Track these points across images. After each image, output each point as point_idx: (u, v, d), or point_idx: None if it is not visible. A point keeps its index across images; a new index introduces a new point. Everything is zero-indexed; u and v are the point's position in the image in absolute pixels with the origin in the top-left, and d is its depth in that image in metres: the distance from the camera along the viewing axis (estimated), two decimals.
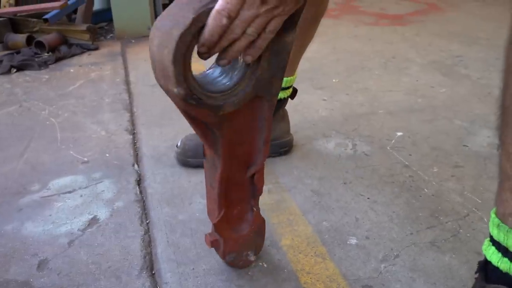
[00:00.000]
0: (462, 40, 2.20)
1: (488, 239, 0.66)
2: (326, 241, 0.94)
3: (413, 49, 2.10)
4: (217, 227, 0.80)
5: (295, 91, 1.20)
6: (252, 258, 0.87)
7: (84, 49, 2.26)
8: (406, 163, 1.20)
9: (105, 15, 2.75)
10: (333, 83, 1.73)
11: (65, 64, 2.10)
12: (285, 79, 1.12)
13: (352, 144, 1.29)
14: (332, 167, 1.19)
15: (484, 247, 0.67)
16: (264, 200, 1.06)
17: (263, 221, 0.86)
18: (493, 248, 0.64)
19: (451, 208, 1.02)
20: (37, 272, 0.89)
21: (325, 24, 1.13)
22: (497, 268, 0.63)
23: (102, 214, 1.05)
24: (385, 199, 1.06)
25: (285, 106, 1.20)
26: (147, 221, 1.02)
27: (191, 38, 0.57)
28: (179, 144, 1.21)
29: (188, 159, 1.19)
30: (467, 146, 1.27)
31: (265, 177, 1.12)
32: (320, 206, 1.04)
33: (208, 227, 0.98)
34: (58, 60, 2.13)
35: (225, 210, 0.80)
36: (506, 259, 0.62)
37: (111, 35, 2.54)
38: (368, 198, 1.06)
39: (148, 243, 0.96)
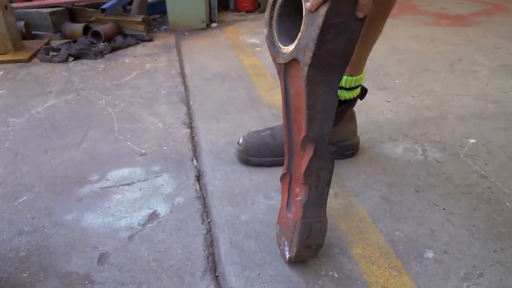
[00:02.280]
0: None
1: None
2: (401, 252, 0.87)
3: (480, 52, 1.98)
4: (282, 183, 0.86)
5: (364, 91, 1.13)
6: (287, 253, 0.83)
7: (139, 40, 2.27)
8: (483, 172, 1.11)
9: (158, 7, 2.75)
10: (396, 84, 1.64)
11: (120, 54, 2.10)
12: (352, 78, 1.06)
13: (422, 149, 1.21)
14: (401, 173, 1.11)
15: None
16: (331, 204, 1.01)
17: (300, 219, 0.79)
18: None
19: None
20: (97, 266, 0.86)
21: None
22: None
23: (162, 209, 1.02)
24: (463, 211, 0.98)
25: (353, 106, 1.13)
26: (209, 220, 0.99)
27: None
28: (240, 141, 1.17)
29: (250, 158, 1.14)
30: None
31: (331, 179, 1.07)
32: (392, 214, 0.98)
33: (273, 230, 0.93)
34: (113, 50, 2.14)
35: (291, 177, 0.83)
36: None
37: (164, 27, 2.54)
38: (443, 209, 0.99)
39: (211, 243, 0.92)
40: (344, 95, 1.08)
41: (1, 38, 2.06)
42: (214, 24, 2.52)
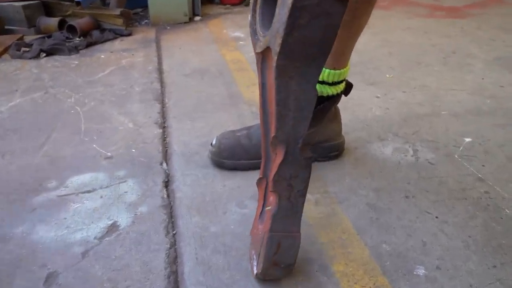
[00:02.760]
0: None
1: None
2: (388, 269, 0.77)
3: (474, 44, 1.88)
4: (258, 188, 0.75)
5: (349, 86, 1.03)
6: (254, 269, 0.72)
7: (117, 34, 2.15)
8: (479, 175, 1.01)
9: (141, 0, 2.63)
10: (387, 78, 1.54)
11: (96, 49, 1.99)
12: (335, 71, 0.95)
13: (413, 149, 1.11)
14: (390, 177, 1.01)
15: None
16: (311, 213, 0.90)
17: (267, 232, 0.69)
18: None
19: None
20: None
21: (374, 15, 0.95)
22: None
23: (123, 220, 0.91)
24: (458, 219, 0.88)
25: (337, 103, 1.03)
26: (174, 232, 0.88)
27: None
28: (214, 142, 1.06)
29: (224, 160, 1.04)
30: None
31: (312, 184, 0.96)
32: (379, 224, 0.87)
33: (245, 243, 0.83)
34: (89, 45, 2.02)
35: (267, 183, 0.72)
36: None
37: (146, 21, 2.42)
38: (436, 217, 0.88)
39: (174, 259, 0.81)
40: (327, 90, 0.97)
41: None
42: (197, 18, 2.40)
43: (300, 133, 0.64)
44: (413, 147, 1.12)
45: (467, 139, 1.15)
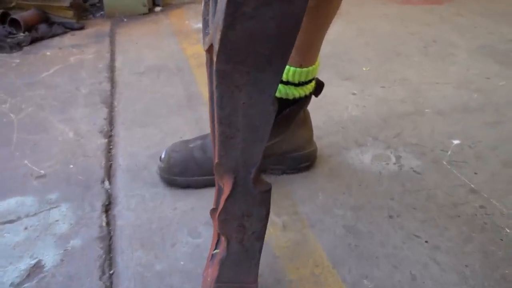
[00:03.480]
0: None
1: None
2: None
3: (455, 32, 1.75)
4: (212, 219, 0.60)
5: (320, 86, 0.87)
6: None
7: (67, 28, 1.94)
8: (472, 185, 0.87)
9: None
10: (363, 72, 1.39)
11: (43, 45, 1.78)
12: (302, 69, 0.79)
13: (395, 156, 0.97)
14: (371, 191, 0.87)
15: None
16: (278, 241, 0.75)
17: (213, 282, 0.54)
18: None
19: None
20: None
21: (347, 1, 0.80)
22: None
23: (50, 258, 0.74)
24: (451, 244, 0.74)
25: (306, 106, 0.87)
26: (111, 272, 0.72)
27: None
28: (163, 156, 0.90)
29: (174, 177, 0.87)
30: None
31: (279, 203, 0.81)
32: (358, 253, 0.73)
33: (195, 285, 0.67)
34: (34, 41, 1.81)
35: None
36: None
37: (101, 12, 2.22)
38: (426, 242, 0.74)
39: None
40: (293, 92, 0.81)
41: None
42: (157, 8, 2.21)
43: (254, 160, 0.48)
44: (395, 153, 0.98)
45: (456, 141, 1.02)
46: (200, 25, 1.94)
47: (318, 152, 0.95)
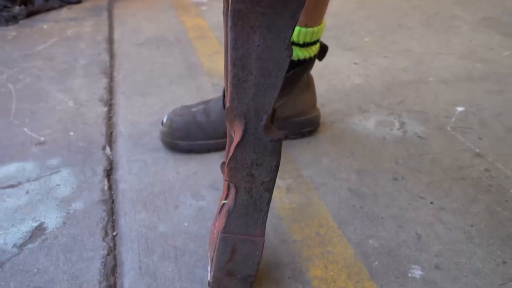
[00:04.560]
0: None
1: None
2: (376, 271, 0.62)
3: (458, 5, 1.73)
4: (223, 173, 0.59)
5: (324, 49, 0.86)
6: (209, 276, 0.58)
7: (64, 2, 1.91)
8: (477, 150, 0.87)
9: None
10: (365, 43, 1.38)
11: (39, 19, 1.75)
12: (307, 29, 0.77)
13: (399, 122, 0.96)
14: (375, 155, 0.86)
15: None
16: (282, 203, 0.75)
17: (220, 232, 0.53)
18: None
19: None
20: None
21: None
22: None
23: (52, 220, 0.74)
24: (457, 205, 0.74)
25: (310, 69, 0.86)
26: (114, 233, 0.71)
27: None
28: (164, 120, 0.88)
29: (177, 142, 0.86)
30: None
31: (283, 167, 0.81)
32: (363, 214, 0.72)
33: (201, 245, 0.67)
34: (31, 14, 1.78)
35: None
36: None
37: None
38: (431, 203, 0.74)
39: (112, 269, 0.65)
40: (297, 53, 0.80)
41: None
42: None
43: (265, 107, 0.47)
44: (399, 119, 0.97)
45: (460, 109, 1.01)
46: None
47: (321, 119, 0.94)
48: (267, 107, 0.47)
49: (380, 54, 1.29)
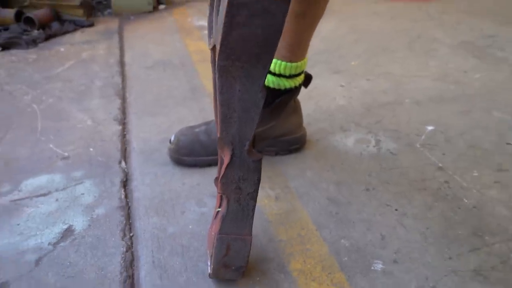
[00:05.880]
0: (495, 18, 1.97)
1: None
2: (346, 265, 0.76)
3: (440, 28, 1.88)
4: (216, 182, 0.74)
5: (308, 78, 1.01)
6: (208, 269, 0.72)
7: (78, 26, 2.08)
8: (440, 164, 1.01)
9: None
10: (352, 66, 1.53)
11: (56, 42, 1.92)
12: (291, 64, 0.93)
13: (375, 140, 1.11)
14: (352, 169, 1.00)
15: None
16: (271, 209, 0.89)
17: (217, 234, 0.67)
18: None
19: (497, 224, 0.84)
20: None
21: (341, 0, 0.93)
22: None
23: (79, 223, 0.89)
24: (417, 211, 0.88)
25: (296, 96, 1.01)
26: (131, 234, 0.86)
27: None
28: (172, 139, 1.03)
29: (182, 157, 1.01)
30: (510, 144, 1.08)
31: (273, 179, 0.95)
32: (338, 218, 0.87)
33: (203, 243, 0.81)
34: (48, 38, 1.95)
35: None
36: None
37: (109, 10, 2.35)
38: (396, 210, 0.88)
39: (130, 263, 0.79)
40: (284, 84, 0.95)
41: None
42: (161, 6, 2.34)
43: (247, 135, 0.62)
44: (375, 137, 1.12)
45: (429, 128, 1.15)
46: (201, 22, 2.08)
47: (307, 137, 1.09)
48: (249, 135, 0.62)
49: (364, 77, 1.44)
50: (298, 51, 0.93)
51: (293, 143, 1.05)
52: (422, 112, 1.23)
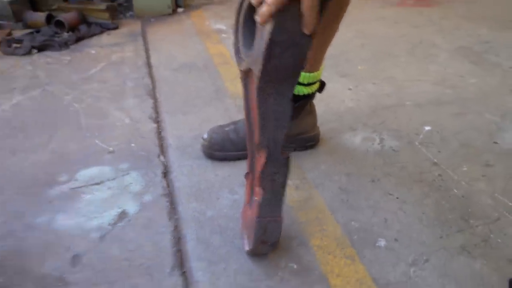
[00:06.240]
0: (492, 24, 2.13)
1: None
2: (355, 242, 0.94)
3: (440, 34, 2.04)
4: (246, 181, 0.91)
5: (322, 85, 1.18)
6: (246, 247, 0.89)
7: (104, 28, 2.24)
8: (435, 160, 1.18)
9: None
10: (358, 70, 1.69)
11: (85, 44, 2.09)
12: (310, 74, 1.10)
13: (379, 138, 1.28)
14: (359, 163, 1.17)
15: None
16: (292, 197, 1.06)
17: (256, 218, 0.84)
18: None
19: (481, 210, 1.01)
20: (71, 268, 0.90)
21: (350, 4, 1.08)
22: None
23: (131, 208, 1.06)
24: (414, 198, 1.05)
25: (312, 100, 1.18)
26: (176, 217, 1.03)
27: (241, 2, 0.77)
28: (205, 136, 1.20)
29: (215, 152, 1.18)
30: (497, 143, 1.25)
31: (293, 172, 1.13)
32: (349, 204, 1.04)
33: (237, 224, 0.99)
34: (78, 40, 2.11)
35: (253, 176, 0.87)
36: None
37: (130, 13, 2.51)
38: (397, 198, 1.05)
39: (178, 239, 0.97)
40: (303, 90, 1.12)
41: None
42: (180, 9, 2.50)
43: (280, 139, 0.78)
44: (379, 136, 1.29)
45: (427, 128, 1.32)
46: (218, 26, 2.24)
47: (320, 135, 1.26)
48: (281, 139, 0.78)
49: (370, 81, 1.60)
50: (315, 63, 1.09)
51: (309, 141, 1.22)
52: (421, 114, 1.40)
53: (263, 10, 0.62)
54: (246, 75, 0.80)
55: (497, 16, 2.24)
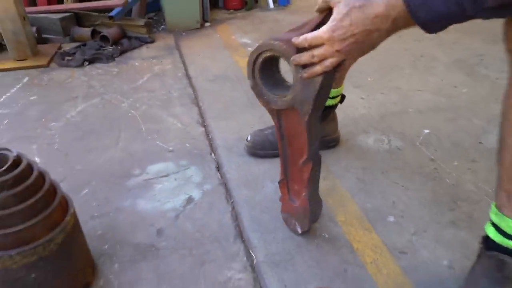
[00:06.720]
0: (485, 37, 2.43)
1: (489, 221, 0.96)
2: (371, 218, 1.24)
3: (440, 47, 2.34)
4: (280, 186, 1.17)
5: (343, 98, 1.48)
6: (298, 229, 1.18)
7: (142, 42, 2.55)
8: (432, 157, 1.48)
9: (153, 5, 3.01)
10: (369, 81, 1.99)
11: (128, 57, 2.39)
12: (334, 90, 1.40)
13: (387, 139, 1.58)
14: (372, 159, 1.48)
15: (486, 226, 0.97)
16: (320, 186, 1.36)
17: (307, 206, 1.14)
18: (491, 228, 0.94)
19: (467, 195, 1.31)
20: (157, 238, 1.21)
21: None
22: (493, 241, 0.94)
23: (196, 194, 1.36)
24: (415, 186, 1.35)
25: (334, 109, 1.48)
26: (232, 201, 1.33)
27: (256, 55, 0.97)
28: (249, 138, 1.50)
29: (257, 151, 1.49)
30: (482, 143, 1.54)
31: None
32: (365, 191, 1.34)
33: (278, 206, 1.29)
34: (121, 53, 2.42)
35: (288, 181, 1.15)
36: (499, 235, 0.92)
37: (162, 27, 2.81)
38: (402, 186, 1.36)
39: (236, 217, 1.27)
40: (328, 102, 1.42)
41: (21, 46, 2.32)
42: (207, 24, 2.80)
43: (317, 148, 1.08)
44: (387, 137, 1.59)
45: (426, 131, 1.62)
46: (243, 40, 2.54)
47: (340, 137, 1.56)
48: (317, 148, 1.08)
49: (379, 91, 1.90)
50: (339, 81, 1.40)
51: (331, 142, 1.52)
52: (422, 119, 1.70)
53: (315, 70, 0.87)
54: (279, 112, 1.04)
55: (490, 28, 2.52)
